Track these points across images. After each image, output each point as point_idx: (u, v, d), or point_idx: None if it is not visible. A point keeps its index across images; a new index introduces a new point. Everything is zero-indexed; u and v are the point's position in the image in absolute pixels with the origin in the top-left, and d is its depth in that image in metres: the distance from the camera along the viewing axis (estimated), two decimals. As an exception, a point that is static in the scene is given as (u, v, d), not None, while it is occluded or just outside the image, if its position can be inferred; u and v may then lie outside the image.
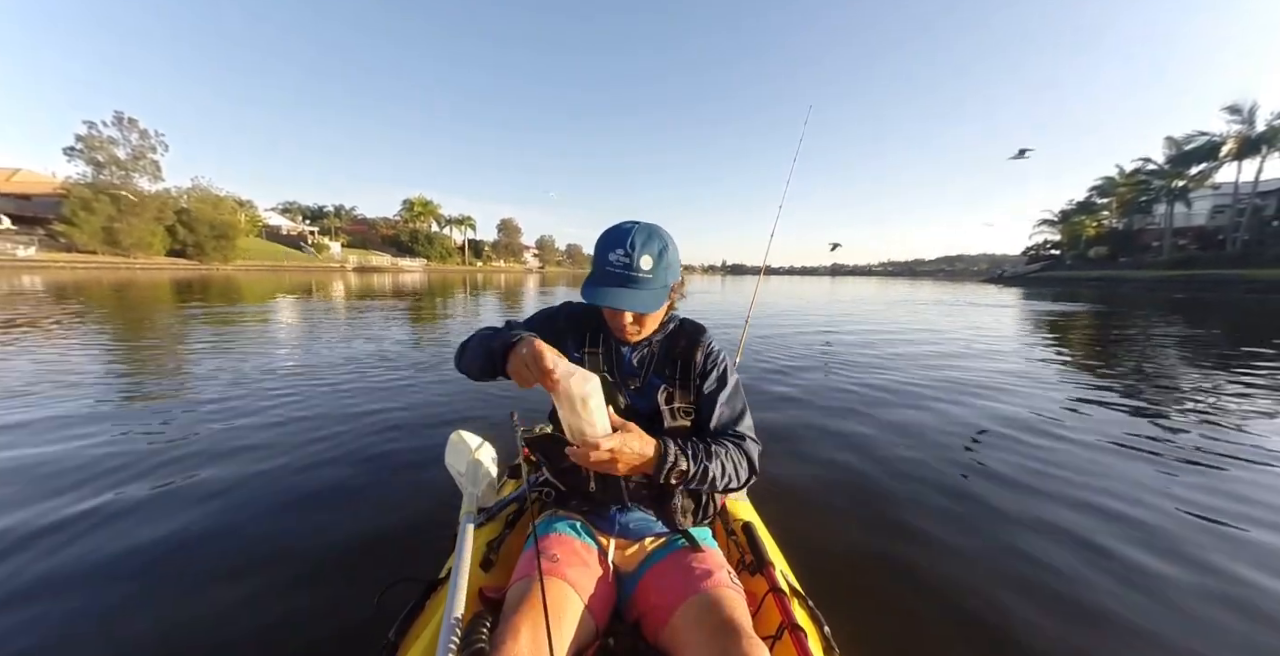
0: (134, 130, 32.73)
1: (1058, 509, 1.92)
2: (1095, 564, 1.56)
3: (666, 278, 0.90)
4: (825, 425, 2.90)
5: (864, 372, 4.38)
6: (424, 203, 69.51)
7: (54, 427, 2.69)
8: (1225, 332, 8.17)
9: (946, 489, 2.08)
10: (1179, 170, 31.68)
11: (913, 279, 65.02)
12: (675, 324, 1.05)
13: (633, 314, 0.91)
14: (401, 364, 4.70)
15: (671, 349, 1.01)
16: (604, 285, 0.86)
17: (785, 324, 8.45)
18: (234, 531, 1.75)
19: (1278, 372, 4.69)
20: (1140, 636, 1.27)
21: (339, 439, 2.64)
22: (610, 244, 0.86)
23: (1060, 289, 27.21)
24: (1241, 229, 29.63)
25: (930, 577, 1.48)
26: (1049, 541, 1.69)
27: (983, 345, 6.21)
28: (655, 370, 1.00)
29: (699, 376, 0.99)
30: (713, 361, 1.01)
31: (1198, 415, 3.29)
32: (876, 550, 1.64)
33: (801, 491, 2.06)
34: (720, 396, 0.98)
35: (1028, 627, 1.28)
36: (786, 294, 20.16)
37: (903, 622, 1.31)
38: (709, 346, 1.02)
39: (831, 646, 0.83)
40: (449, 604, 0.77)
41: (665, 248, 0.88)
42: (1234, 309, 13.65)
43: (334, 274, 35.25)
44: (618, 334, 0.98)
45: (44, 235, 30.50)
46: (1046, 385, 3.97)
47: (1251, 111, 27.13)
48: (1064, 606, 1.37)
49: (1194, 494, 2.08)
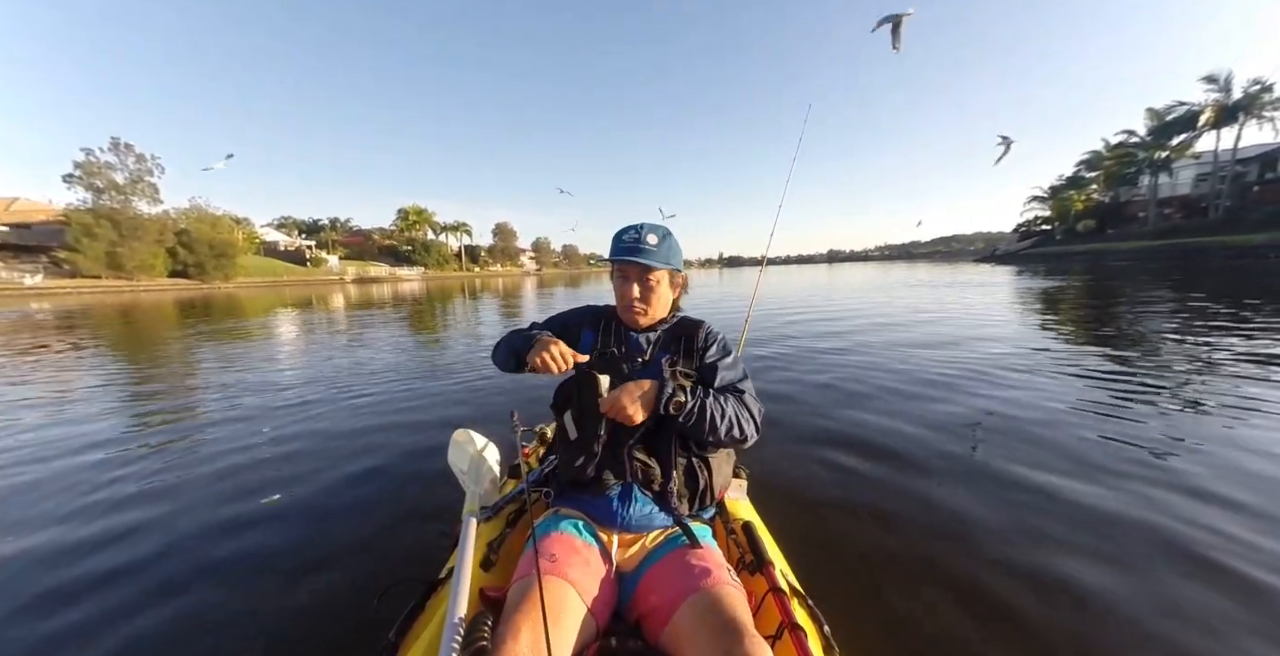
0: (130, 154, 33.39)
1: (1062, 508, 1.85)
2: (1098, 565, 1.51)
3: (669, 257, 1.08)
4: (825, 424, 2.86)
5: (863, 368, 4.24)
6: (419, 211, 70.05)
7: (66, 442, 2.81)
8: (1209, 295, 8.59)
9: (947, 487, 2.04)
10: (1161, 141, 31.96)
11: (910, 262, 64.93)
12: (679, 317, 1.19)
13: (640, 288, 1.08)
14: (403, 366, 4.86)
15: (675, 332, 1.15)
16: (619, 254, 1.06)
17: (784, 319, 8.18)
18: (234, 531, 1.78)
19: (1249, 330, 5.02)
20: (1147, 634, 1.23)
21: (340, 440, 2.70)
22: (624, 230, 1.08)
23: (1051, 264, 27.31)
24: (1223, 196, 29.96)
25: (931, 577, 1.47)
26: (1050, 540, 1.65)
27: (980, 331, 5.95)
28: (661, 347, 1.12)
29: (700, 349, 1.11)
30: (713, 337, 1.15)
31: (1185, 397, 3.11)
32: (877, 550, 1.63)
33: (801, 490, 2.05)
34: (721, 363, 1.09)
35: (1028, 627, 1.27)
36: (785, 285, 19.20)
37: (903, 622, 1.30)
38: (709, 328, 1.16)
39: (831, 646, 0.83)
40: (450, 604, 0.77)
41: (669, 234, 1.10)
42: (1214, 274, 13.94)
43: (333, 286, 35.78)
44: (626, 315, 1.12)
45: (47, 262, 31.20)
46: (1048, 377, 3.72)
47: (1228, 80, 27.41)
48: (1065, 606, 1.34)
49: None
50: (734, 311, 9.10)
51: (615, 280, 1.12)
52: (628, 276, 1.08)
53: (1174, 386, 3.34)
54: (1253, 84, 26.57)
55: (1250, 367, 3.67)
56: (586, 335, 1.15)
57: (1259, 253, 20.11)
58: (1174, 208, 35.22)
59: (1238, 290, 9.37)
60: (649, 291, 1.08)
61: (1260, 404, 2.84)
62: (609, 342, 1.12)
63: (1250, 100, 26.66)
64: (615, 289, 1.13)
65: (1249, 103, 26.73)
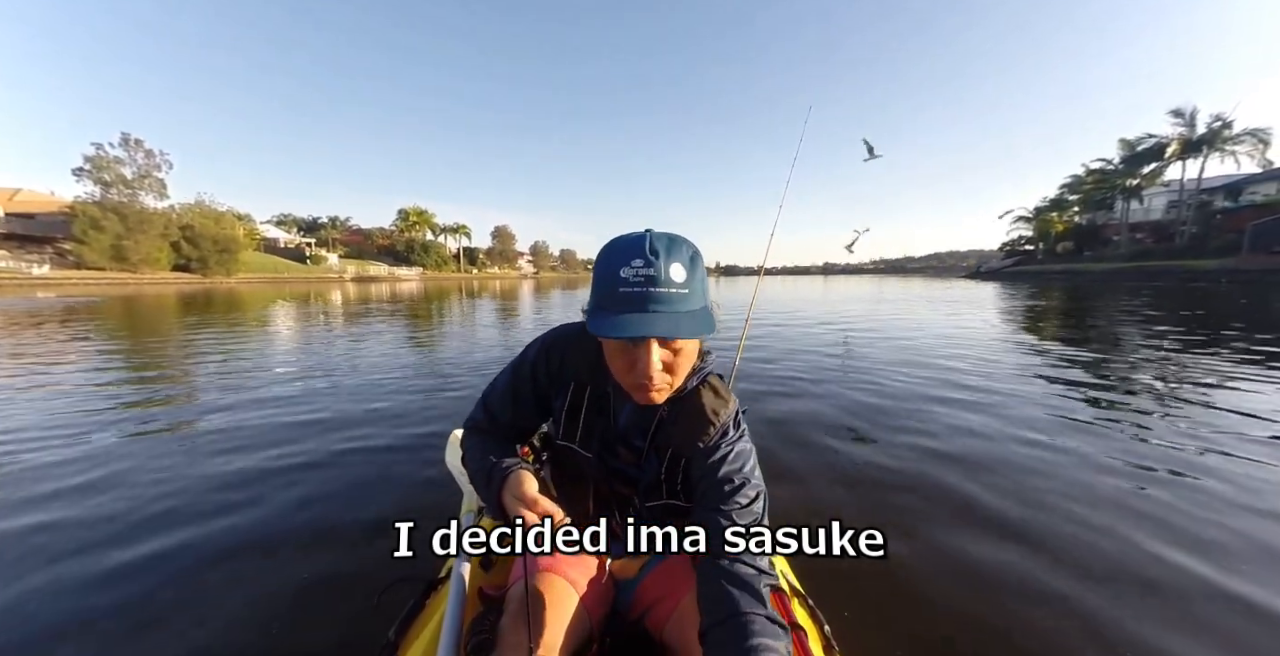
0: (139, 150, 34.17)
1: (1060, 508, 1.88)
2: (1099, 565, 1.52)
3: (705, 295, 0.67)
4: (824, 423, 2.90)
5: (863, 370, 4.40)
6: (419, 212, 71.00)
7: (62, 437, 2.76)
8: (1166, 312, 9.79)
9: (947, 487, 2.05)
10: (1132, 169, 33.58)
11: (904, 276, 66.28)
12: (701, 381, 0.80)
13: (663, 357, 0.67)
14: (399, 365, 4.89)
15: (679, 421, 0.78)
16: (624, 311, 0.62)
17: (784, 321, 8.48)
18: (233, 531, 1.78)
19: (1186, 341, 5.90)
20: (1143, 639, 1.22)
21: (338, 438, 2.71)
22: (622, 256, 0.63)
23: (1029, 282, 28.47)
24: (1189, 223, 31.47)
25: (931, 577, 1.47)
26: (1051, 540, 1.66)
27: (972, 340, 6.26)
28: (656, 446, 0.81)
29: (703, 471, 0.76)
30: (724, 455, 0.76)
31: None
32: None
33: (801, 489, 2.05)
34: (741, 508, 0.72)
35: (1029, 627, 1.26)
36: (782, 294, 19.45)
37: (903, 622, 1.30)
38: (726, 432, 0.79)
39: (831, 646, 0.82)
40: (449, 603, 0.77)
41: (696, 254, 0.67)
42: (1169, 294, 15.03)
43: (333, 284, 36.39)
44: (636, 393, 0.71)
45: (52, 253, 31.83)
46: (1038, 386, 3.85)
47: (1192, 115, 29.05)
48: (1065, 604, 1.34)
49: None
50: (742, 322, 9.61)
51: (612, 342, 0.69)
52: (643, 341, 0.66)
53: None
54: (1215, 119, 28.21)
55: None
56: (555, 401, 0.84)
57: (1212, 277, 21.41)
58: (1146, 232, 36.79)
59: (1178, 308, 10.46)
60: (676, 356, 0.69)
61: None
62: (584, 411, 0.82)
63: (1213, 135, 28.28)
64: (611, 352, 0.70)
65: (1211, 137, 28.34)
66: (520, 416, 0.88)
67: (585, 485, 0.88)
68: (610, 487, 0.87)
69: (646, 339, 0.65)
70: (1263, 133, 27.05)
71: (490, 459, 0.78)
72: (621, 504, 0.88)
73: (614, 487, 0.87)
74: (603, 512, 0.87)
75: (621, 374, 0.71)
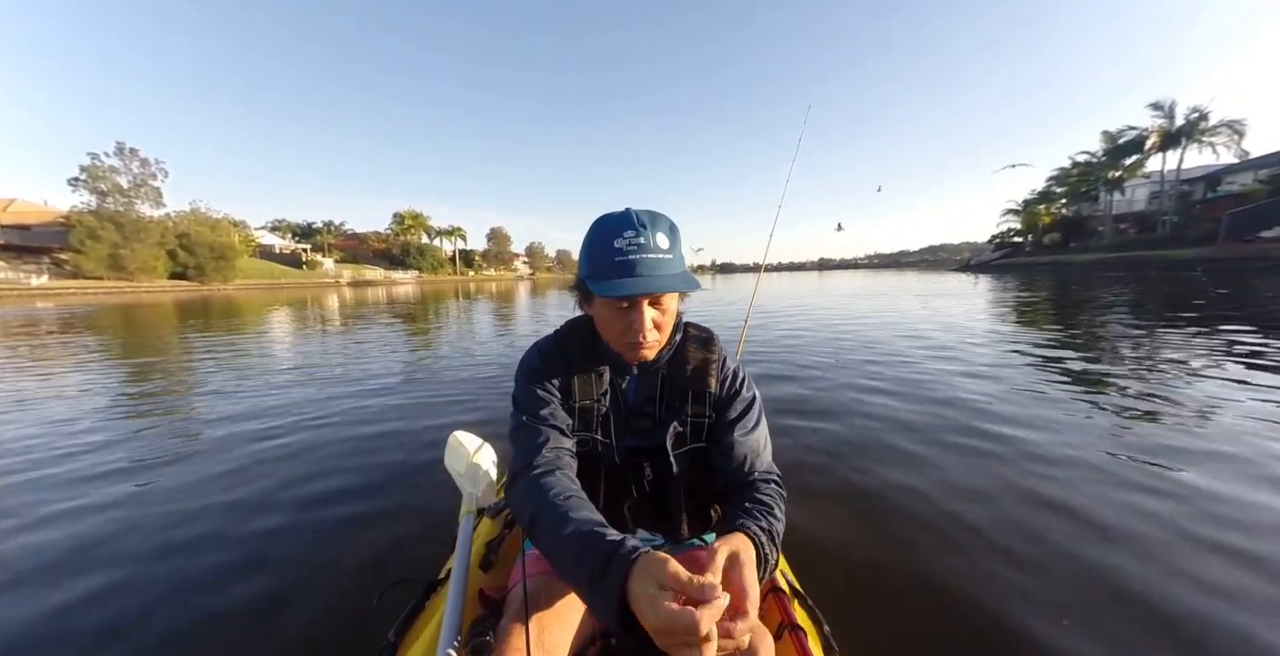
0: (135, 159, 34.48)
1: (1060, 508, 1.86)
2: (1098, 565, 1.52)
3: (683, 260, 0.77)
4: (823, 423, 2.89)
5: (861, 370, 4.33)
6: (414, 215, 71.18)
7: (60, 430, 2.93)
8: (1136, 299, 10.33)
9: (947, 487, 2.04)
10: (1114, 161, 34.15)
11: (899, 270, 66.49)
12: (681, 335, 0.88)
13: (654, 316, 0.76)
14: (397, 368, 4.91)
15: (679, 372, 0.86)
16: (621, 276, 0.71)
17: (782, 320, 8.46)
18: (233, 531, 1.78)
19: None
20: (1145, 640, 1.21)
21: (338, 441, 2.71)
22: (612, 230, 0.72)
23: (1016, 274, 28.71)
24: (1170, 213, 32.08)
25: (931, 577, 1.47)
26: (1050, 539, 1.65)
27: (969, 336, 6.17)
28: (667, 403, 0.86)
29: (714, 406, 0.86)
30: (730, 387, 0.87)
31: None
32: (876, 550, 1.62)
33: (800, 490, 2.02)
34: (747, 432, 0.85)
35: (1029, 626, 1.26)
36: (779, 290, 19.58)
37: (903, 622, 1.30)
38: (724, 364, 0.88)
39: (831, 646, 0.82)
40: (449, 604, 0.78)
41: (674, 226, 0.76)
42: (1146, 283, 15.50)
43: (329, 289, 36.72)
44: (630, 352, 0.80)
45: (49, 264, 32.03)
46: (1037, 379, 3.83)
47: (1171, 107, 29.60)
48: (1065, 604, 1.34)
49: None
50: (741, 319, 9.44)
51: (607, 307, 0.77)
52: (636, 303, 0.75)
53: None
54: (1192, 112, 28.78)
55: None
56: (565, 401, 0.85)
57: (1189, 266, 21.96)
58: (1130, 223, 37.40)
59: (1149, 298, 10.95)
60: (664, 315, 0.78)
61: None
62: (591, 393, 0.84)
63: (1191, 127, 28.85)
64: (605, 317, 0.78)
65: (1190, 129, 28.91)
66: (557, 417, 0.82)
67: (597, 477, 0.87)
68: (623, 472, 0.87)
69: (640, 299, 0.74)
70: (1238, 124, 27.61)
71: (595, 530, 0.61)
72: (637, 486, 0.88)
73: (628, 470, 0.87)
74: (615, 502, 0.88)
75: (617, 336, 0.79)
